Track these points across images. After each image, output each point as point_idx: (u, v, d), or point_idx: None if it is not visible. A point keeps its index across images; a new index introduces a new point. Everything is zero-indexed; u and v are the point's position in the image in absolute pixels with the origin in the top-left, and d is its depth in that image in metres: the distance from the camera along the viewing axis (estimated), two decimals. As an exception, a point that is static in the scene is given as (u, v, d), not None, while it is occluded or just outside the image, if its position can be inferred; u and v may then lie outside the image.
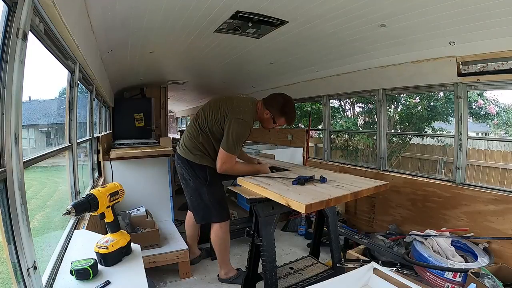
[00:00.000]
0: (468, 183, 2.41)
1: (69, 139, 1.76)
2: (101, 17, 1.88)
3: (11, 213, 0.77)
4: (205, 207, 2.13)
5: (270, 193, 1.60)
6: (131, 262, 1.14)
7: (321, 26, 2.19)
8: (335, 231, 2.09)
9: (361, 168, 3.34)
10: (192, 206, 2.21)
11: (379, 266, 1.57)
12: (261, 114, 2.05)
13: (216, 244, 2.18)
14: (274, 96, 2.06)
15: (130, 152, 2.83)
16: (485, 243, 2.10)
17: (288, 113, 2.04)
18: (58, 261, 1.14)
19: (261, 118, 2.07)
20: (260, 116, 2.06)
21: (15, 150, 0.79)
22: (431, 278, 1.88)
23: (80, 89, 2.17)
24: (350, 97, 5.91)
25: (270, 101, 2.04)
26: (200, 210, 2.16)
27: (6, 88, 0.76)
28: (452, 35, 2.04)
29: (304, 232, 3.13)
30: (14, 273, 0.80)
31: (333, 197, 1.51)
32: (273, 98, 2.05)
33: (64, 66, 1.58)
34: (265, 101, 2.05)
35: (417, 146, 5.89)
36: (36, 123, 1.79)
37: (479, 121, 5.71)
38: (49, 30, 1.15)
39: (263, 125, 2.13)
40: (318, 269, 2.09)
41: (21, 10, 0.80)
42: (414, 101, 5.56)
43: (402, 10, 1.83)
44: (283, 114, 2.02)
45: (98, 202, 1.08)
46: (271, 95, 2.09)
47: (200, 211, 2.17)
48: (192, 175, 2.07)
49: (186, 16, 2.04)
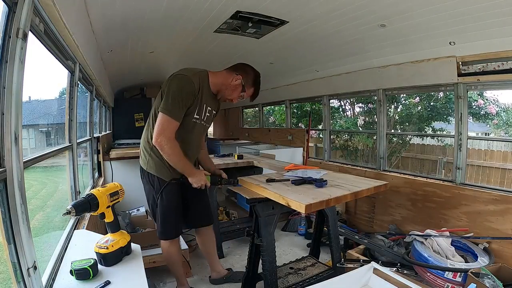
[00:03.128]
0: (468, 183, 2.41)
1: (69, 139, 1.76)
2: (101, 17, 1.88)
3: (11, 213, 0.77)
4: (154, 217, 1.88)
5: (270, 193, 1.60)
6: (131, 262, 1.14)
7: (321, 26, 2.19)
8: (335, 231, 2.09)
9: (361, 168, 3.34)
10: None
11: (379, 266, 1.57)
12: (225, 79, 1.74)
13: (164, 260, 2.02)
14: (244, 65, 1.82)
15: (130, 152, 2.83)
16: (485, 243, 2.10)
17: (258, 86, 1.82)
18: (58, 261, 1.14)
19: (224, 85, 1.75)
20: (223, 82, 1.75)
21: (15, 150, 0.79)
22: (431, 278, 1.89)
23: (80, 89, 2.17)
24: (350, 97, 5.90)
25: (242, 66, 1.79)
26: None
27: (6, 88, 0.76)
28: (452, 35, 2.04)
29: (304, 232, 3.13)
30: (14, 273, 0.80)
31: (333, 197, 1.51)
32: (245, 66, 1.81)
33: (64, 66, 1.58)
34: (235, 67, 1.79)
35: (417, 146, 5.88)
36: (36, 123, 1.79)
37: (479, 121, 5.71)
38: (49, 30, 1.15)
39: (225, 94, 1.78)
40: (318, 269, 2.09)
41: (21, 10, 0.80)
42: (414, 101, 5.56)
43: (402, 10, 1.83)
44: (254, 84, 1.80)
45: (98, 202, 1.08)
46: (239, 63, 1.83)
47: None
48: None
49: (186, 16, 2.04)
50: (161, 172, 1.74)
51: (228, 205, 3.95)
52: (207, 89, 1.73)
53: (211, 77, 1.74)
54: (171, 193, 1.78)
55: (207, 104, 1.76)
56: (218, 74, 1.76)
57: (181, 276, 2.03)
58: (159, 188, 1.75)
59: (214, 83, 1.75)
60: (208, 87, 1.73)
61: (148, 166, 1.76)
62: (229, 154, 3.18)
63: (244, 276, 1.99)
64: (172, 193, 1.78)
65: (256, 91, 1.83)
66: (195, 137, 1.81)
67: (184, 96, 1.60)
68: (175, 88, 1.59)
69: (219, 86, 1.76)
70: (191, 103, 1.65)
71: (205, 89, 1.70)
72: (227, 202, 4.24)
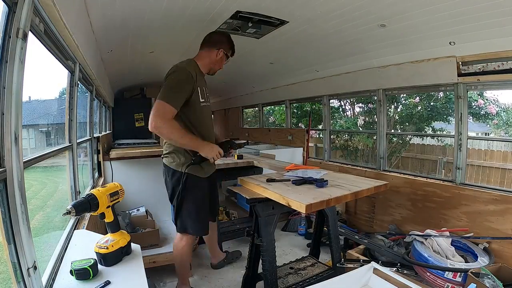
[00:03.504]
0: (468, 183, 2.41)
1: (69, 139, 1.76)
2: (101, 17, 1.88)
3: (11, 213, 0.77)
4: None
5: (271, 193, 1.60)
6: (131, 262, 1.14)
7: (321, 26, 2.19)
8: (335, 231, 2.09)
9: (361, 168, 3.34)
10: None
11: (379, 266, 1.57)
12: (210, 58, 1.85)
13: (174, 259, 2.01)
14: (213, 35, 1.90)
15: (130, 152, 2.83)
16: (485, 243, 2.10)
17: (233, 45, 1.94)
18: (58, 261, 1.14)
19: (212, 63, 1.86)
20: (210, 61, 1.85)
21: (15, 150, 0.79)
22: (431, 278, 1.89)
23: (80, 89, 2.17)
24: (350, 97, 5.91)
25: (215, 39, 1.87)
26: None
27: (6, 88, 0.76)
28: (452, 35, 2.04)
29: (304, 232, 3.13)
30: (14, 273, 0.80)
31: (333, 197, 1.51)
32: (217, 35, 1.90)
33: (64, 66, 1.58)
34: (210, 43, 1.86)
35: (417, 146, 5.88)
36: (36, 123, 1.79)
37: (479, 121, 5.72)
38: (49, 30, 1.15)
39: (215, 69, 1.90)
40: (318, 269, 2.09)
41: (21, 10, 0.80)
42: (414, 101, 5.56)
43: (402, 10, 1.83)
44: (232, 47, 1.92)
45: (98, 202, 1.08)
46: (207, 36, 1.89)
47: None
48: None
49: (186, 16, 2.04)
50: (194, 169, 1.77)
51: (228, 205, 3.95)
52: (200, 74, 1.81)
53: (198, 61, 1.84)
54: (202, 191, 1.83)
55: (202, 86, 1.82)
56: (202, 56, 1.86)
57: (186, 276, 2.05)
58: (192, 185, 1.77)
59: (203, 65, 1.85)
60: (200, 72, 1.82)
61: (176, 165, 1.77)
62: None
63: (244, 276, 1.99)
64: (203, 190, 1.84)
65: (234, 49, 1.95)
66: (208, 120, 1.89)
67: (183, 83, 1.66)
68: (171, 78, 1.66)
69: (208, 65, 1.87)
70: (191, 89, 1.70)
71: (198, 74, 1.77)
72: (227, 202, 4.24)
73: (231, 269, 2.45)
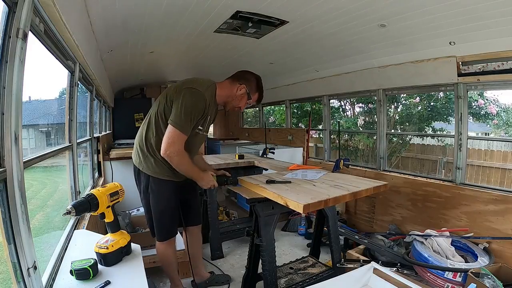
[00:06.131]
0: (468, 183, 2.41)
1: (69, 139, 1.76)
2: (101, 17, 1.88)
3: (11, 213, 0.77)
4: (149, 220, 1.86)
5: (269, 193, 1.60)
6: (131, 262, 1.14)
7: (321, 26, 2.19)
8: (335, 231, 2.09)
9: (361, 168, 3.34)
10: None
11: (379, 266, 1.57)
12: (230, 91, 1.76)
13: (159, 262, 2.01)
14: (244, 72, 1.82)
15: (130, 152, 2.81)
16: (485, 243, 2.10)
17: (262, 90, 1.84)
18: (58, 261, 1.14)
19: (230, 96, 1.77)
20: (228, 94, 1.76)
21: (15, 150, 0.79)
22: (431, 278, 1.89)
23: (80, 89, 2.17)
24: (350, 97, 5.91)
25: (243, 75, 1.80)
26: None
27: (6, 88, 0.76)
28: (452, 35, 2.04)
29: (304, 232, 3.13)
30: (14, 273, 0.80)
31: (331, 197, 1.51)
32: (245, 73, 1.81)
33: (64, 66, 1.58)
34: (236, 77, 1.79)
35: (417, 146, 5.88)
36: (36, 123, 1.79)
37: (479, 121, 5.72)
38: (49, 30, 1.15)
39: (233, 104, 1.81)
40: (318, 269, 2.09)
41: (21, 10, 0.80)
42: (414, 101, 5.56)
43: (402, 10, 1.83)
44: (258, 89, 1.81)
45: (98, 202, 1.08)
46: (239, 71, 1.83)
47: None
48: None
49: (186, 16, 2.04)
50: (158, 172, 1.72)
51: (228, 205, 3.95)
52: (213, 103, 1.75)
53: (218, 90, 1.75)
54: (167, 193, 1.77)
55: (210, 117, 1.79)
56: (223, 86, 1.77)
57: (176, 277, 2.02)
58: (156, 188, 1.74)
59: (221, 96, 1.76)
60: (214, 101, 1.75)
61: (143, 167, 1.74)
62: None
63: (244, 276, 2.00)
64: (169, 193, 1.78)
65: (261, 95, 1.85)
66: (195, 146, 1.83)
67: (196, 113, 1.62)
68: (188, 104, 1.58)
69: (225, 98, 1.77)
70: (200, 119, 1.68)
71: (212, 103, 1.72)
72: (227, 202, 4.25)
73: (231, 269, 2.45)
